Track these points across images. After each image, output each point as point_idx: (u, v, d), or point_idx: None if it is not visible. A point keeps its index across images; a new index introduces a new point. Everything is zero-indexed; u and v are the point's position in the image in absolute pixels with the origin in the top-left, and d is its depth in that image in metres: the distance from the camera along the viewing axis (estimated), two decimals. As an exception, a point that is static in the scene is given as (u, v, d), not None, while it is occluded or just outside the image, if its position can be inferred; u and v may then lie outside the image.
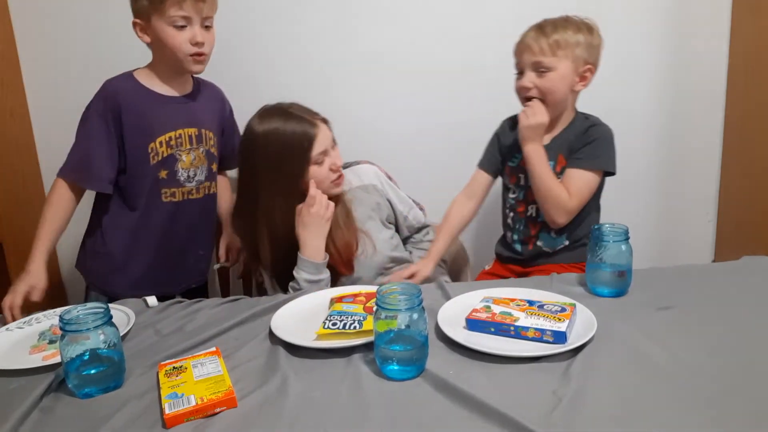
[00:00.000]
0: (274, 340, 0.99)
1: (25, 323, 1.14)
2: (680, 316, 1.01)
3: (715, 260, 2.03)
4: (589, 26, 1.37)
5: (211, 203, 1.55)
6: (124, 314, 1.10)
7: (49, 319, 1.15)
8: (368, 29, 1.83)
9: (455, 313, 1.02)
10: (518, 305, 1.00)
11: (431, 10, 1.82)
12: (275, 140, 1.27)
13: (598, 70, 1.40)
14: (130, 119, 1.36)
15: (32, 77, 1.83)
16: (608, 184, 1.53)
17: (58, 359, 0.90)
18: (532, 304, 1.01)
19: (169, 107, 1.41)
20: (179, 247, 1.49)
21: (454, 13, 1.82)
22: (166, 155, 1.40)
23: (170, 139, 1.40)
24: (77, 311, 0.87)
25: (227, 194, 1.61)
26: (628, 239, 1.11)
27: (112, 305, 1.04)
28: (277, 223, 1.31)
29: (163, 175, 1.41)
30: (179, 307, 1.18)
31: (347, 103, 1.83)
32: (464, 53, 1.85)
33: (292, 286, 1.30)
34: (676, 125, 1.95)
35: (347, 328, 0.97)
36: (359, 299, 1.08)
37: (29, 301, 1.25)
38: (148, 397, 0.84)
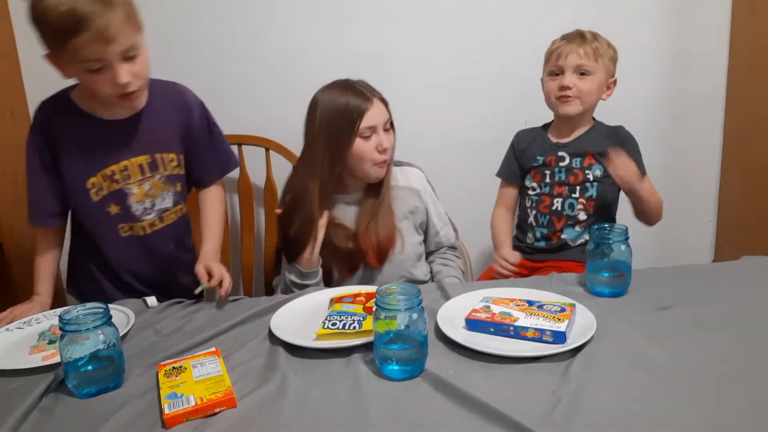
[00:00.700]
0: (273, 340, 0.99)
1: (24, 323, 1.14)
2: (680, 316, 1.01)
3: (715, 260, 2.03)
4: (611, 43, 1.46)
5: (185, 230, 1.39)
6: (123, 314, 1.10)
7: (48, 319, 1.15)
8: (368, 30, 1.83)
9: (455, 313, 1.02)
10: (518, 305, 1.00)
11: (431, 10, 1.83)
12: (330, 108, 1.31)
13: None
14: (65, 151, 1.21)
15: (32, 77, 1.83)
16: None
17: (57, 359, 0.90)
18: (531, 304, 1.01)
19: (112, 136, 1.21)
20: (159, 276, 1.35)
21: (453, 13, 1.82)
22: (112, 190, 1.23)
23: (113, 173, 1.22)
24: (77, 311, 0.87)
25: (215, 207, 1.38)
26: (627, 239, 1.11)
27: (111, 305, 1.04)
28: (325, 182, 1.33)
29: (113, 210, 1.25)
30: (179, 307, 1.18)
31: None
32: (464, 54, 1.85)
33: (275, 284, 1.34)
34: (676, 125, 1.95)
35: (347, 328, 0.97)
36: (359, 299, 1.08)
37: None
38: (147, 397, 0.84)
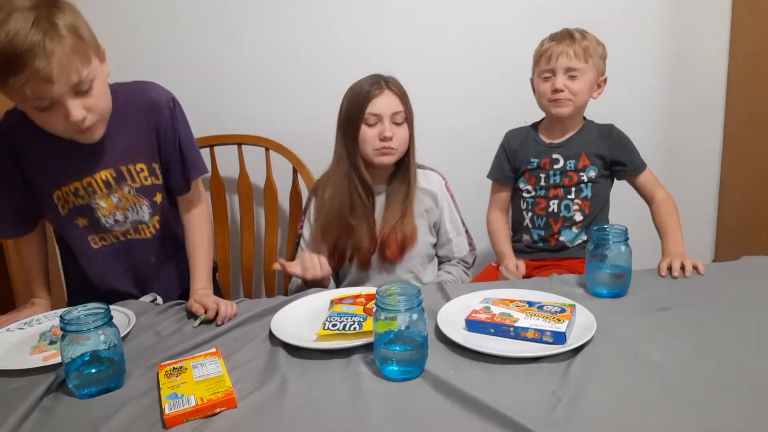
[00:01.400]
0: (274, 341, 0.99)
1: (25, 324, 1.14)
2: (680, 316, 1.01)
3: (715, 260, 2.03)
4: (600, 40, 1.45)
5: (171, 242, 1.30)
6: (124, 315, 1.10)
7: (49, 319, 1.15)
8: (369, 30, 1.83)
9: (455, 314, 1.03)
10: (518, 306, 1.01)
11: (432, 10, 1.83)
12: (348, 95, 1.40)
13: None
14: (31, 162, 1.16)
15: (33, 78, 1.84)
16: (613, 183, 1.54)
17: (58, 360, 0.90)
18: (531, 304, 1.01)
19: (74, 150, 1.12)
20: (140, 293, 1.28)
21: (454, 13, 1.83)
22: (78, 204, 1.18)
23: (77, 189, 1.16)
24: (78, 312, 0.87)
25: (198, 234, 1.26)
26: (627, 240, 1.11)
27: (112, 306, 1.04)
28: (352, 166, 1.40)
29: (81, 222, 1.20)
30: (179, 308, 1.18)
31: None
32: (464, 53, 1.85)
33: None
34: (676, 126, 1.96)
35: (347, 329, 0.97)
36: (359, 300, 1.08)
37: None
38: (148, 397, 0.84)
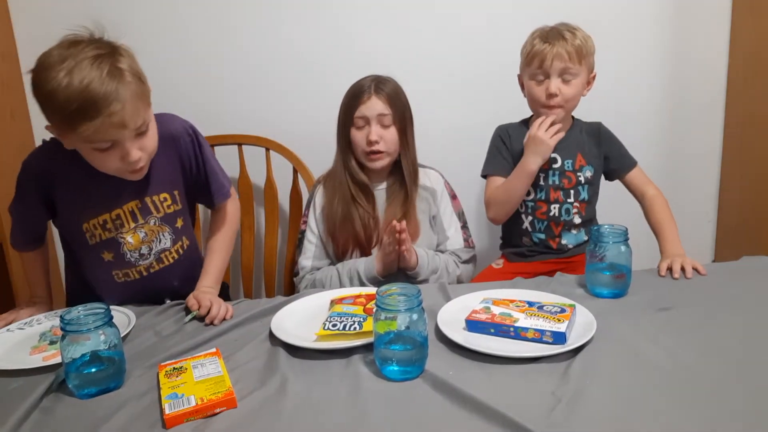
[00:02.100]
0: (274, 341, 0.99)
1: (25, 324, 1.14)
2: (680, 316, 1.01)
3: (715, 260, 2.03)
4: (588, 34, 1.41)
5: (191, 262, 1.31)
6: (124, 315, 1.11)
7: (49, 319, 1.15)
8: (369, 30, 1.83)
9: (455, 314, 1.03)
10: (518, 306, 1.01)
11: (431, 10, 1.83)
12: (345, 95, 1.45)
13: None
14: (61, 195, 1.18)
15: (32, 77, 1.84)
16: (608, 184, 1.54)
17: (58, 360, 0.90)
18: (531, 305, 1.01)
19: (102, 184, 1.15)
20: (164, 301, 1.26)
21: (454, 12, 1.83)
22: (105, 238, 1.19)
23: (105, 222, 1.18)
24: (78, 312, 0.87)
25: (220, 236, 1.31)
26: (627, 240, 1.11)
27: (112, 306, 1.04)
28: (346, 166, 1.46)
29: (107, 257, 1.21)
30: (179, 308, 1.18)
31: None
32: (464, 53, 1.85)
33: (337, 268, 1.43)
34: (676, 126, 1.95)
35: (347, 329, 0.97)
36: (359, 301, 1.08)
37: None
38: (148, 397, 0.84)
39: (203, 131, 1.74)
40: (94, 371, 0.86)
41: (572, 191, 1.46)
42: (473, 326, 0.97)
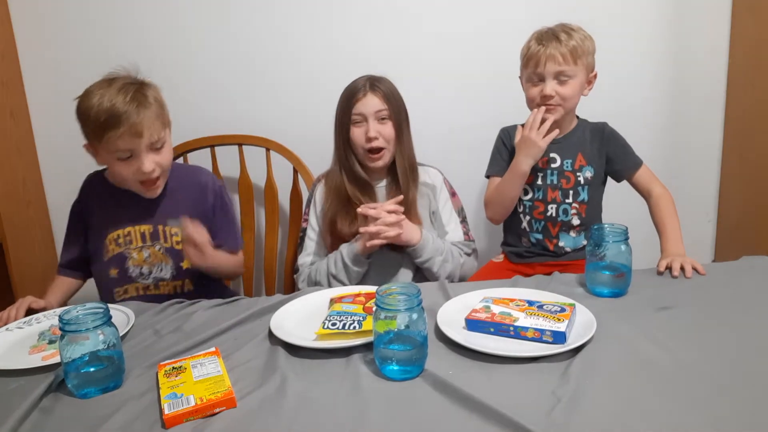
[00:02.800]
0: (273, 340, 0.99)
1: (24, 323, 1.14)
2: (679, 316, 1.01)
3: (715, 260, 2.03)
4: (587, 34, 1.41)
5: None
6: (123, 314, 1.11)
7: (48, 319, 1.15)
8: (369, 30, 1.83)
9: (455, 313, 1.02)
10: (518, 305, 1.00)
11: (432, 10, 1.83)
12: (341, 95, 1.46)
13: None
14: (91, 216, 1.38)
15: (32, 77, 1.84)
16: (608, 184, 1.53)
17: (57, 359, 0.90)
18: (531, 304, 1.01)
19: (122, 201, 1.35)
20: None
21: (454, 12, 1.83)
22: (115, 253, 1.35)
23: (118, 237, 1.34)
24: (77, 311, 0.87)
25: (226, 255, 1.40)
26: (627, 239, 1.11)
27: (112, 306, 1.04)
28: (344, 164, 1.47)
29: (113, 273, 1.35)
30: (178, 307, 1.18)
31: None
32: (464, 53, 1.85)
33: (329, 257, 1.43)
34: (676, 125, 1.95)
35: (347, 328, 0.97)
36: (359, 299, 1.08)
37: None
38: (147, 397, 0.84)
39: (204, 132, 1.75)
40: (93, 371, 0.86)
41: (571, 191, 1.46)
42: (473, 325, 0.97)
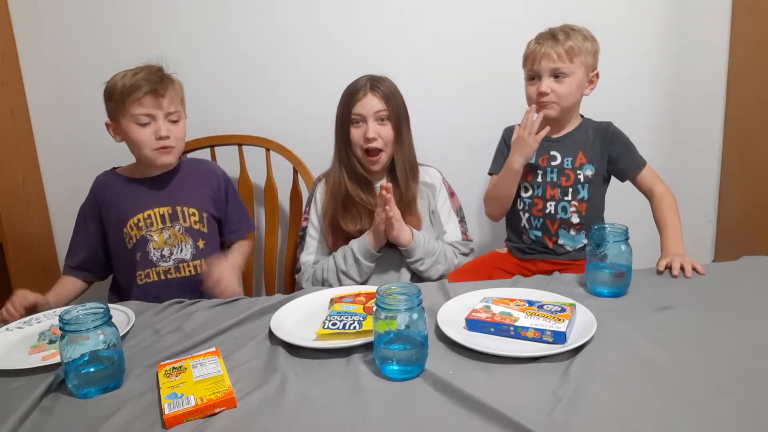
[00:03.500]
0: (273, 340, 0.99)
1: (24, 323, 1.14)
2: (680, 316, 1.01)
3: (715, 260, 2.03)
4: (591, 34, 1.44)
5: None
6: (123, 314, 1.11)
7: (48, 319, 1.15)
8: (369, 30, 1.83)
9: (455, 313, 1.02)
10: (518, 305, 1.00)
11: (432, 10, 1.82)
12: (341, 95, 1.46)
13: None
14: (108, 212, 1.42)
15: (32, 77, 1.84)
16: (611, 184, 1.53)
17: (57, 359, 0.90)
18: (531, 304, 1.01)
19: (138, 189, 1.42)
20: None
21: (454, 13, 1.82)
22: (138, 237, 1.39)
23: (139, 221, 1.39)
24: (77, 311, 0.87)
25: (237, 249, 1.52)
26: (627, 239, 1.11)
27: (112, 305, 1.04)
28: (344, 163, 1.48)
29: (137, 257, 1.39)
30: (178, 307, 1.18)
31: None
32: (464, 53, 1.85)
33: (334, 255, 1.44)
34: (676, 125, 1.95)
35: (347, 328, 0.97)
36: (359, 299, 1.08)
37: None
38: (147, 397, 0.84)
39: (204, 132, 1.75)
40: (93, 371, 0.86)
41: (570, 189, 1.46)
42: (473, 325, 0.97)
